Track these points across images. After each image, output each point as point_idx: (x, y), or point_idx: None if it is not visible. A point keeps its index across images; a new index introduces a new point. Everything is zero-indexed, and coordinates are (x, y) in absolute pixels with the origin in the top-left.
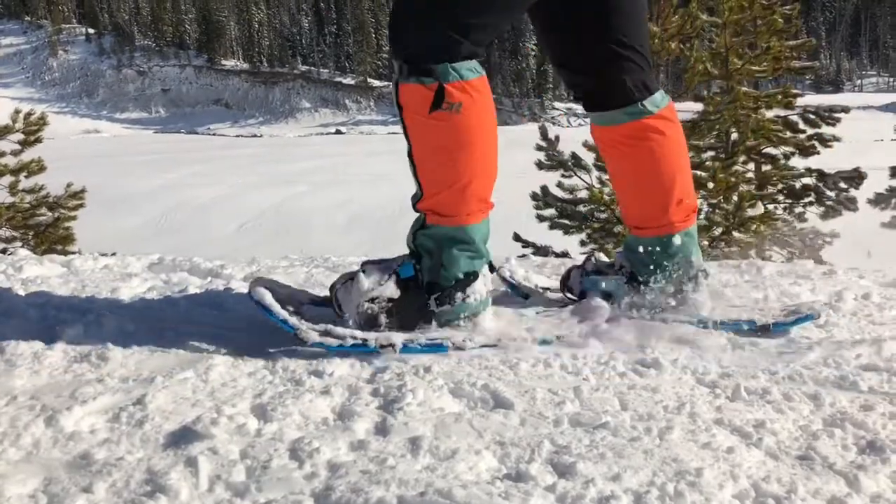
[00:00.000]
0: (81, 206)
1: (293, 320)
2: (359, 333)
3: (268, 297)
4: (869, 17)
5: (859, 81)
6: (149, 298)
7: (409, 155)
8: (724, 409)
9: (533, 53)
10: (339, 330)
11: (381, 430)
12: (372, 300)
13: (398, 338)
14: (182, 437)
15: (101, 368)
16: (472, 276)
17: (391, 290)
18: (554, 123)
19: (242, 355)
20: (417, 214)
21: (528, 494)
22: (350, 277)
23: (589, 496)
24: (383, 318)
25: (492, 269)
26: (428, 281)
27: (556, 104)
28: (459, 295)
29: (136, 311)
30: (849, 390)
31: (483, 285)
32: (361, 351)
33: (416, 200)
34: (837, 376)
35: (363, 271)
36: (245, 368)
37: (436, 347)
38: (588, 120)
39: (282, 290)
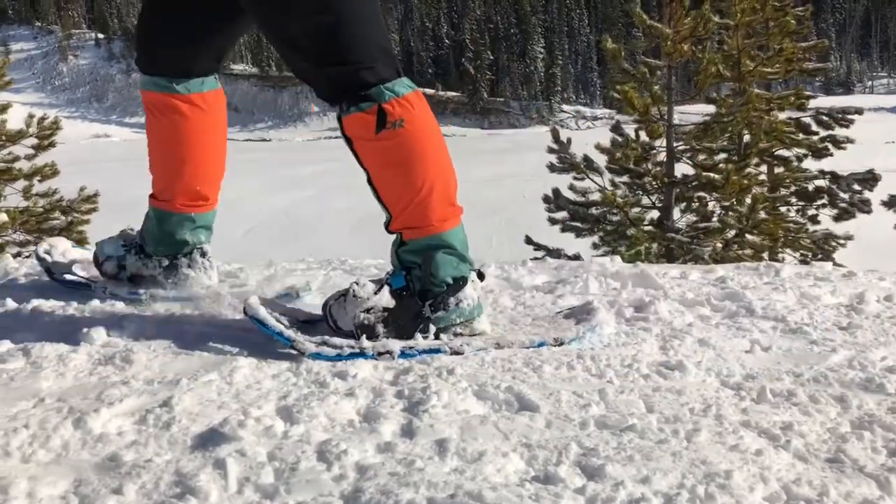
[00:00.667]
0: (94, 209)
1: (289, 332)
2: (356, 342)
3: (262, 311)
4: (879, 18)
5: (870, 83)
6: (170, 301)
7: (369, 182)
8: (750, 412)
9: (541, 56)
10: (336, 340)
11: (408, 432)
12: (367, 310)
13: (395, 345)
14: (210, 439)
15: (125, 371)
16: (461, 282)
17: (385, 299)
18: (562, 126)
19: (266, 357)
20: (394, 235)
21: (558, 497)
22: (343, 294)
23: (619, 499)
24: (380, 328)
25: (481, 276)
26: (420, 289)
27: (565, 107)
28: (452, 300)
29: (158, 314)
30: (875, 392)
31: (473, 290)
32: (359, 360)
33: (388, 224)
34: (863, 378)
35: (356, 283)
36: (269, 370)
37: (434, 352)
38: (597, 122)
39: (276, 307)
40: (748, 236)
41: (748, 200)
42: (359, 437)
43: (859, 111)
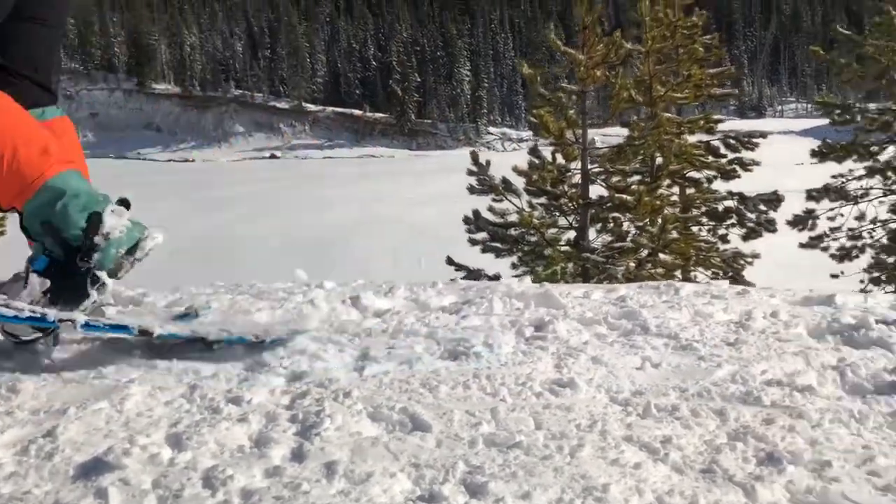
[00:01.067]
0: (2, 234)
1: None
2: (38, 308)
3: None
4: (787, 46)
5: (780, 107)
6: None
7: None
8: (634, 427)
9: (468, 79)
10: (18, 303)
11: (298, 455)
12: (32, 304)
13: (80, 316)
14: (92, 469)
15: (11, 401)
16: (95, 217)
17: (38, 284)
18: (489, 148)
19: (160, 384)
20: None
21: None
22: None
23: None
24: (53, 312)
25: (125, 204)
26: (63, 253)
27: (491, 129)
28: (98, 238)
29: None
30: (753, 405)
31: (118, 217)
32: (40, 325)
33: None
34: (743, 392)
35: (2, 297)
36: (162, 398)
37: (121, 329)
38: (523, 145)
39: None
40: (661, 255)
41: (660, 220)
42: (247, 462)
43: (763, 135)
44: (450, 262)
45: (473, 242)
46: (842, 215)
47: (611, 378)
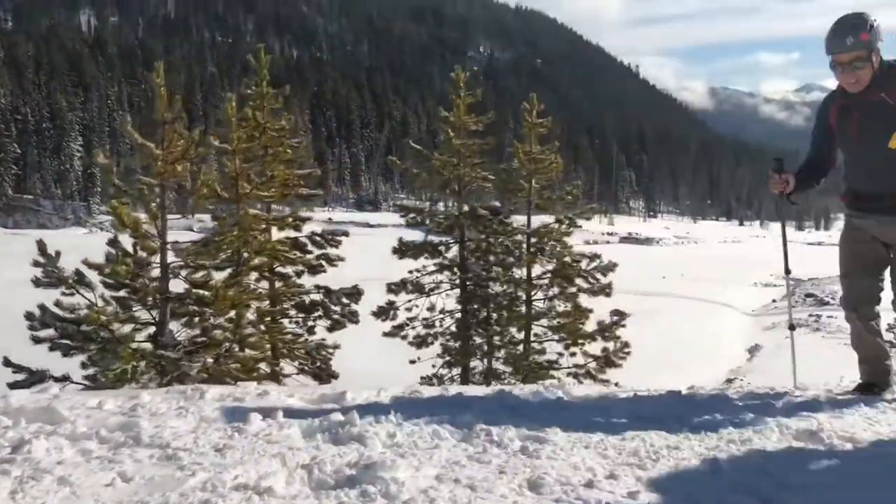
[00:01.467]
0: None
1: None
2: None
3: None
4: (397, 148)
5: (393, 202)
6: None
7: None
8: None
9: (79, 154)
10: None
11: None
12: None
13: None
14: None
15: None
16: None
17: None
18: (101, 229)
19: None
20: None
21: None
22: None
23: None
24: None
25: None
26: None
27: (105, 208)
28: None
29: None
30: None
31: None
32: None
33: None
34: (206, 500)
35: None
36: None
37: None
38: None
39: None
40: (245, 349)
41: (235, 316)
42: None
43: (346, 234)
44: (7, 363)
45: (37, 340)
46: (417, 306)
47: (73, 499)
